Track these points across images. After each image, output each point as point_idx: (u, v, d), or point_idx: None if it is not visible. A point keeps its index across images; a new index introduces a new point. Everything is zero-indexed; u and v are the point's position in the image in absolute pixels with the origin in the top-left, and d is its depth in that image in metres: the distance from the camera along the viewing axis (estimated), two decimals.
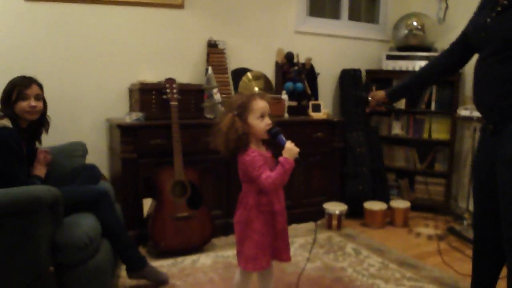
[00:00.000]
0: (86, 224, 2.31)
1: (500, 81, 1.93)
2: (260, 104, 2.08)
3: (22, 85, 2.54)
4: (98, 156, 3.59)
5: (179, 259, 3.15)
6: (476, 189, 2.22)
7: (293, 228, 3.81)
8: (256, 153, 2.07)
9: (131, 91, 3.64)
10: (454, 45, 2.33)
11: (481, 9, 2.12)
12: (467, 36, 2.19)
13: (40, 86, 2.65)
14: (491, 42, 1.96)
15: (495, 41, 1.94)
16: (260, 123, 2.07)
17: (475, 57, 2.18)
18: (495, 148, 1.99)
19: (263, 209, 2.12)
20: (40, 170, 2.75)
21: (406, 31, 4.55)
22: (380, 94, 2.49)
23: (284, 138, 2.09)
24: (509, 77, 1.90)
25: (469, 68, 2.27)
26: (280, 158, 2.05)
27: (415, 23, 4.53)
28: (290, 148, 2.05)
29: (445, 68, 2.37)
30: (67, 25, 3.46)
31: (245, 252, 2.13)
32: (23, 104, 2.53)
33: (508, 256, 1.98)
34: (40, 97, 2.64)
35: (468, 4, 2.30)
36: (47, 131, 2.83)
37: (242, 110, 2.07)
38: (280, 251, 2.20)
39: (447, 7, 4.69)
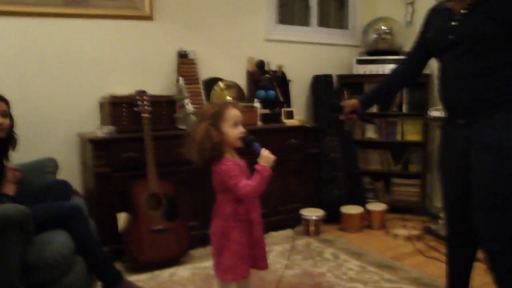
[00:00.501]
0: (58, 241, 2.27)
1: (474, 77, 2.00)
2: (234, 113, 2.08)
3: None
4: (70, 171, 3.52)
5: (157, 272, 3.10)
6: (446, 182, 2.27)
7: (271, 236, 3.80)
8: (231, 162, 2.06)
9: (101, 104, 3.60)
10: (413, 53, 2.43)
11: (435, 18, 2.23)
12: (426, 42, 2.27)
13: (6, 102, 2.60)
14: (462, 42, 2.03)
15: (466, 40, 2.01)
16: (234, 131, 2.07)
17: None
18: (468, 139, 2.05)
19: (241, 218, 2.11)
20: (9, 188, 2.70)
21: (375, 36, 4.61)
22: (353, 101, 2.49)
23: (259, 146, 2.09)
24: (481, 72, 1.98)
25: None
26: (257, 166, 2.04)
27: (383, 27, 4.60)
28: (266, 156, 2.05)
29: (408, 74, 2.46)
30: (35, 39, 3.41)
31: (224, 262, 2.11)
32: None
33: (485, 240, 2.04)
34: (7, 114, 2.58)
35: None
36: (14, 148, 2.77)
37: (216, 119, 2.07)
38: (258, 259, 2.19)
39: (413, 10, 4.77)
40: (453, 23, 2.07)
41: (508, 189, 1.96)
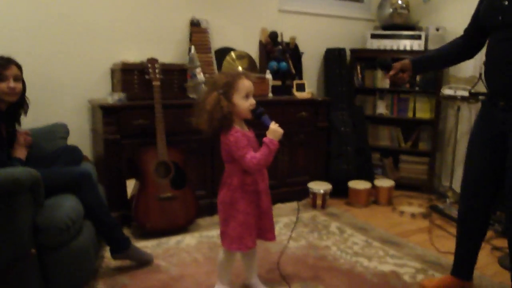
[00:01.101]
0: (67, 205, 2.29)
1: None
2: (246, 84, 2.07)
3: (0, 66, 2.48)
4: (81, 137, 3.55)
5: (164, 239, 3.14)
6: (473, 158, 2.29)
7: (278, 208, 3.83)
8: (239, 133, 2.06)
9: (113, 71, 3.59)
10: (467, 31, 2.37)
11: None
12: (479, 20, 2.23)
13: (19, 67, 2.60)
14: (508, 26, 2.02)
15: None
16: (245, 103, 2.06)
17: None
18: (506, 123, 2.09)
19: (248, 188, 2.12)
20: (20, 152, 2.71)
21: (391, 10, 4.54)
22: (405, 61, 2.44)
23: (268, 119, 2.09)
24: None
25: None
26: (265, 139, 2.05)
27: (400, 2, 4.52)
28: (275, 129, 2.05)
29: (463, 49, 2.39)
30: (47, 4, 3.38)
31: (230, 232, 2.13)
32: (2, 86, 2.47)
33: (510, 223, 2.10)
34: (19, 78, 2.58)
35: None
36: (26, 113, 2.78)
37: (227, 89, 2.05)
38: (265, 230, 2.21)
39: None
40: (506, 3, 2.03)
41: None
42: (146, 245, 3.02)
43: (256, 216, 2.16)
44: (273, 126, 2.06)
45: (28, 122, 2.94)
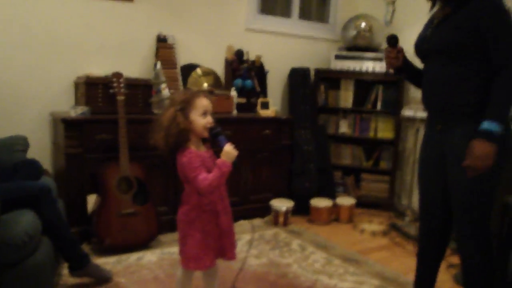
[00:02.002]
0: (25, 221, 2.24)
1: (445, 84, 2.11)
2: (204, 102, 2.07)
3: None
4: (41, 150, 3.48)
5: (124, 256, 3.10)
6: (423, 182, 2.37)
7: (241, 224, 3.83)
8: (193, 154, 2.04)
9: (77, 84, 3.55)
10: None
11: (426, 25, 2.32)
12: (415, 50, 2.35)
13: None
14: (433, 51, 2.16)
15: (435, 49, 2.15)
16: (202, 120, 2.06)
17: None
18: (443, 144, 2.17)
19: (206, 208, 2.11)
20: None
21: (354, 32, 4.65)
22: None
23: (225, 139, 2.07)
24: (450, 80, 2.09)
25: None
26: (218, 161, 2.03)
27: (363, 25, 4.65)
28: (228, 151, 2.03)
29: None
30: (12, 13, 3.33)
31: (187, 251, 2.12)
32: None
33: (460, 240, 2.19)
34: None
35: (414, 8, 2.42)
36: None
37: (185, 105, 2.05)
38: (225, 249, 2.19)
39: (394, 10, 4.81)
40: (428, 32, 2.20)
41: (482, 197, 2.09)
42: (106, 262, 2.98)
43: (215, 236, 2.14)
44: (227, 147, 2.04)
45: None
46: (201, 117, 2.05)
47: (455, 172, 2.12)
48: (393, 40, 2.29)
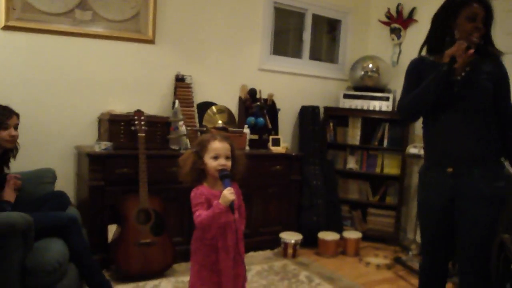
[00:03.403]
0: (55, 249, 2.45)
1: (469, 132, 2.27)
2: (216, 146, 2.24)
3: (3, 115, 2.71)
4: (65, 181, 3.71)
5: (141, 283, 3.29)
6: (427, 223, 2.49)
7: (251, 256, 4.00)
8: (199, 191, 2.23)
9: (100, 120, 3.80)
10: None
11: (428, 70, 2.36)
12: None
13: (18, 116, 2.83)
14: (467, 96, 2.28)
15: (471, 95, 2.28)
16: (213, 163, 2.23)
17: None
18: (455, 188, 2.30)
19: (207, 242, 2.24)
20: (9, 195, 2.87)
21: (362, 72, 4.88)
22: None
23: (228, 183, 2.18)
24: (475, 128, 2.26)
25: None
26: (214, 202, 2.16)
27: (370, 65, 4.87)
28: (225, 195, 2.13)
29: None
30: (42, 54, 3.62)
31: (190, 280, 2.29)
32: (4, 134, 2.69)
33: (463, 276, 2.35)
34: (17, 126, 2.79)
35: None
36: (15, 157, 2.97)
37: (200, 148, 2.27)
38: (222, 287, 2.25)
39: (400, 51, 5.07)
40: (459, 78, 2.31)
41: (492, 232, 2.24)
42: None
43: (214, 272, 2.23)
44: (225, 191, 2.14)
45: (16, 165, 3.09)
46: (212, 159, 2.24)
47: (475, 210, 2.26)
48: (452, 62, 2.25)
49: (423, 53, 2.49)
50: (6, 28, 3.45)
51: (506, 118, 2.30)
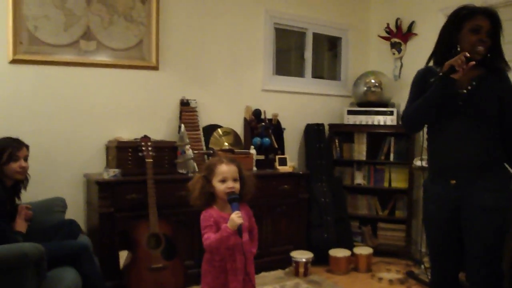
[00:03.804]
0: (68, 277, 2.48)
1: (474, 143, 2.29)
2: (223, 169, 2.29)
3: (13, 147, 2.76)
4: (75, 209, 3.73)
5: None
6: (433, 236, 2.49)
7: (262, 276, 4.00)
8: (207, 214, 2.28)
9: (108, 147, 3.85)
10: None
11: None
12: None
13: (28, 148, 2.88)
14: (471, 110, 2.30)
15: (476, 108, 2.30)
16: (220, 186, 2.28)
17: None
18: (460, 199, 2.32)
19: (215, 264, 2.29)
20: (21, 226, 2.90)
21: (365, 88, 4.92)
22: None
23: (236, 207, 2.22)
24: (480, 139, 2.29)
25: None
26: (223, 226, 2.21)
27: (373, 81, 4.92)
28: (232, 219, 2.18)
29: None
30: (49, 85, 3.68)
31: None
32: (14, 166, 2.74)
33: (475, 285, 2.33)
34: (27, 158, 2.85)
35: (421, 62, 2.60)
36: (25, 187, 3.02)
37: (208, 172, 2.32)
38: None
39: (401, 65, 5.12)
40: (464, 91, 2.33)
41: (499, 242, 2.28)
42: None
43: None
44: (233, 215, 2.18)
45: (26, 195, 3.12)
46: (219, 183, 2.29)
47: (479, 221, 2.27)
48: (451, 71, 2.26)
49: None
50: (14, 61, 3.52)
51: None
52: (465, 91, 2.33)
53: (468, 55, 2.22)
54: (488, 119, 2.30)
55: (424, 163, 4.18)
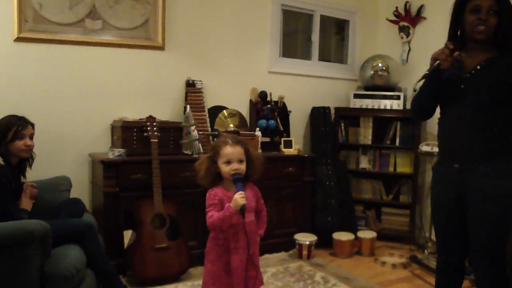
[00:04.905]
0: (73, 255, 2.49)
1: (477, 128, 2.26)
2: (228, 151, 2.28)
3: (19, 125, 2.76)
4: (80, 188, 3.75)
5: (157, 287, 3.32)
6: (440, 220, 2.49)
7: (266, 258, 4.02)
8: (212, 192, 2.29)
9: (113, 127, 3.85)
10: None
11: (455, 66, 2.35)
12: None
13: (33, 126, 2.88)
14: (472, 94, 2.28)
15: (476, 92, 2.27)
16: (225, 167, 2.28)
17: None
18: (463, 183, 2.30)
19: (219, 243, 2.30)
20: (26, 204, 2.91)
21: (372, 72, 4.87)
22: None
23: (240, 187, 2.23)
24: (484, 124, 2.25)
25: None
26: (226, 205, 2.22)
27: (380, 64, 4.86)
28: (236, 199, 2.18)
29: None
30: (54, 64, 3.67)
31: (203, 279, 2.34)
32: (19, 143, 2.74)
33: (478, 275, 2.34)
34: (33, 136, 2.85)
35: (429, 47, 2.56)
36: (31, 166, 3.03)
37: (214, 153, 2.32)
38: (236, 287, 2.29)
39: (409, 49, 5.06)
40: (468, 75, 2.31)
41: (501, 230, 2.25)
42: None
43: (224, 272, 2.28)
44: (237, 195, 2.18)
45: (32, 174, 3.13)
46: (224, 164, 2.28)
47: (479, 208, 2.26)
48: (457, 44, 2.26)
49: None
50: (19, 39, 3.51)
51: None
52: (468, 75, 2.31)
53: (452, 46, 2.23)
54: (489, 104, 2.25)
55: (430, 149, 4.23)
